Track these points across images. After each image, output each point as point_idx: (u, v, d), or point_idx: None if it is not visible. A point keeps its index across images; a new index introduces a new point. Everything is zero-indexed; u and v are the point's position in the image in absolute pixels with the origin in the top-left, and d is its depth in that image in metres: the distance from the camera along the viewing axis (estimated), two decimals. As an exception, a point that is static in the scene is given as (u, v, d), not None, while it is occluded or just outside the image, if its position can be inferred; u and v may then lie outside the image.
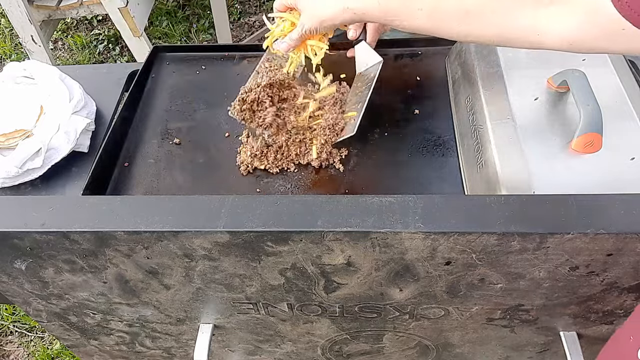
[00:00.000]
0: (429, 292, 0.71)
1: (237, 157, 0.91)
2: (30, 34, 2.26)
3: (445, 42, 1.07)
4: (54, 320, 0.86)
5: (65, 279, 0.73)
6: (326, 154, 0.89)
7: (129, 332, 0.89)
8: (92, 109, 1.01)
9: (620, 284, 0.67)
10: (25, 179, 0.89)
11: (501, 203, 0.61)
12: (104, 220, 0.63)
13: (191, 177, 0.89)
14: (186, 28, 2.82)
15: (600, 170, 0.71)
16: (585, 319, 0.76)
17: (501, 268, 0.65)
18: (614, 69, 0.83)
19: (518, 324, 0.78)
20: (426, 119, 0.95)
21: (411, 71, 1.04)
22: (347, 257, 0.64)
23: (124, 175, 0.91)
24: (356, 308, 0.77)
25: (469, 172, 0.83)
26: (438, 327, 0.81)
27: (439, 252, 0.62)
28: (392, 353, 0.93)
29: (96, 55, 2.81)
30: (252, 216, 0.62)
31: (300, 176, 0.88)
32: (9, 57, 2.86)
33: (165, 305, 0.79)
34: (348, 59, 1.00)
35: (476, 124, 0.83)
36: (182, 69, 1.09)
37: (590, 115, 0.71)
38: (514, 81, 0.84)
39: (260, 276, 0.70)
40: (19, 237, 0.65)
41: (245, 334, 0.88)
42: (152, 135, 0.97)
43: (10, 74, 1.04)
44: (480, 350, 0.89)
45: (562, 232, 0.58)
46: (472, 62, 0.91)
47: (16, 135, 0.93)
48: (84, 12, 2.32)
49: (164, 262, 0.68)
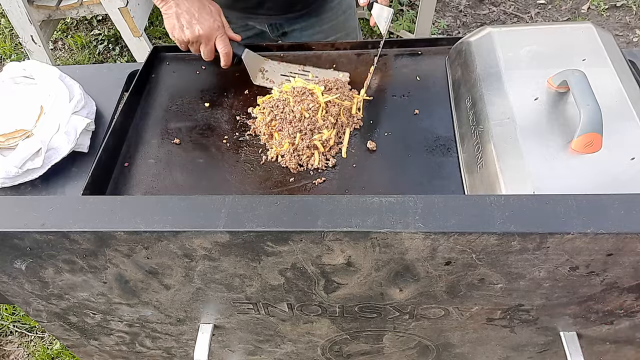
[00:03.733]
0: (429, 292, 0.71)
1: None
2: (30, 34, 2.26)
3: (445, 42, 1.07)
4: (54, 320, 0.86)
5: (65, 279, 0.73)
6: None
7: (129, 332, 0.89)
8: (92, 109, 1.01)
9: (620, 284, 0.67)
10: (25, 179, 0.89)
11: (501, 203, 0.61)
12: (104, 220, 0.63)
13: (191, 177, 0.89)
14: (186, 28, 2.81)
15: (600, 170, 0.71)
16: (585, 319, 0.76)
17: (501, 268, 0.65)
18: (614, 69, 0.83)
19: (518, 324, 0.78)
20: (426, 119, 0.95)
21: (411, 71, 1.04)
22: (347, 257, 0.64)
23: (124, 175, 0.91)
24: (356, 308, 0.77)
25: (469, 172, 0.83)
26: (438, 327, 0.81)
27: (439, 252, 0.62)
28: (392, 353, 0.93)
29: (96, 55, 2.81)
30: (252, 216, 0.62)
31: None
32: (9, 57, 2.86)
33: (165, 305, 0.79)
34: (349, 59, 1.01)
35: (476, 124, 0.83)
36: (182, 69, 1.09)
37: (590, 115, 0.71)
38: (514, 81, 0.84)
39: (260, 276, 0.70)
40: (19, 237, 0.65)
41: (245, 334, 0.88)
42: (152, 135, 0.97)
43: (10, 74, 1.04)
44: (480, 350, 0.89)
45: (562, 232, 0.58)
46: (472, 62, 0.91)
47: (16, 135, 0.93)
48: (84, 12, 2.32)
49: (164, 262, 0.68)
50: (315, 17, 1.28)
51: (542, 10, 2.81)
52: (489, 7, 2.85)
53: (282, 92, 0.96)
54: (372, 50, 1.09)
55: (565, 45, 0.89)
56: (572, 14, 2.78)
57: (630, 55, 0.96)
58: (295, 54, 1.11)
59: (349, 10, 1.32)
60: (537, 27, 0.96)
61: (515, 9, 2.83)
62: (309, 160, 0.90)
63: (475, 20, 2.79)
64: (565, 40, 0.90)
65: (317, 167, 0.89)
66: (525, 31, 0.94)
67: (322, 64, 1.09)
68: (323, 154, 0.90)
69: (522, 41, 0.90)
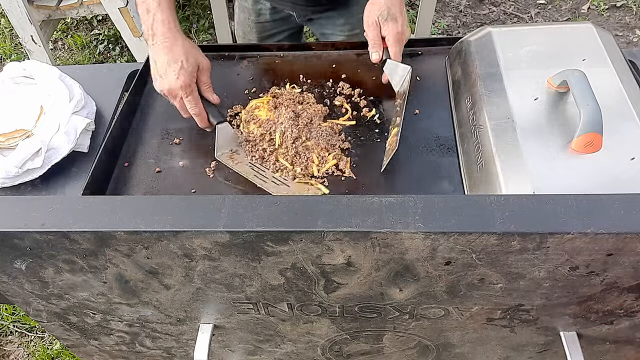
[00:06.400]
0: (429, 292, 0.71)
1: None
2: (30, 34, 2.26)
3: (445, 42, 1.07)
4: (54, 320, 0.86)
5: (65, 279, 0.73)
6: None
7: (129, 332, 0.89)
8: (92, 109, 1.01)
9: (620, 284, 0.67)
10: (25, 179, 0.89)
11: (501, 203, 0.61)
12: (104, 220, 0.63)
13: (191, 177, 0.89)
14: (186, 28, 2.82)
15: (600, 170, 0.71)
16: (585, 319, 0.76)
17: (501, 268, 0.65)
18: (614, 69, 0.83)
19: (518, 324, 0.78)
20: (426, 119, 0.95)
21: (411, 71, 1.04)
22: (347, 257, 0.64)
23: (124, 175, 0.91)
24: (356, 308, 0.77)
25: (469, 172, 0.83)
26: (438, 327, 0.81)
27: (439, 252, 0.62)
28: (392, 353, 0.93)
29: (96, 55, 2.81)
30: (252, 216, 0.62)
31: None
32: (9, 57, 2.86)
33: (165, 305, 0.79)
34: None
35: (476, 124, 0.83)
36: (182, 69, 1.08)
37: (590, 115, 0.71)
38: (514, 81, 0.84)
39: (260, 276, 0.70)
40: (19, 237, 0.65)
41: (245, 334, 0.88)
42: (152, 135, 0.97)
43: (10, 74, 1.04)
44: (480, 350, 0.89)
45: (562, 232, 0.58)
46: (472, 62, 0.91)
47: (16, 135, 0.93)
48: (84, 12, 2.32)
49: (164, 262, 0.68)
50: (342, 9, 1.27)
51: (542, 10, 2.81)
52: (489, 7, 2.85)
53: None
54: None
55: (565, 45, 0.89)
56: (572, 14, 2.78)
57: (630, 55, 0.96)
58: (295, 54, 1.11)
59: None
60: (537, 27, 0.96)
61: (515, 9, 2.83)
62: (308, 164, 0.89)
63: (475, 20, 2.79)
64: (565, 40, 0.90)
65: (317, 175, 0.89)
66: (525, 31, 0.94)
67: (317, 64, 1.08)
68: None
69: (522, 41, 0.90)
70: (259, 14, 1.34)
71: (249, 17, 1.36)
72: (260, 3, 1.32)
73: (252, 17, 1.35)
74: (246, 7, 1.34)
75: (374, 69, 1.05)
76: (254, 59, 1.11)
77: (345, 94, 1.01)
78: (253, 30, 1.37)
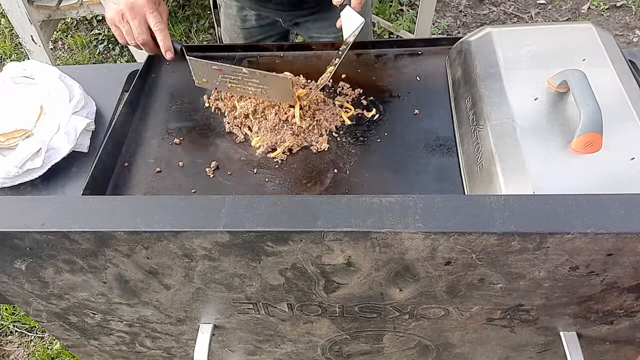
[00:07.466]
0: (429, 292, 0.71)
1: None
2: (30, 34, 2.26)
3: (445, 42, 1.07)
4: (54, 320, 0.86)
5: (65, 279, 0.73)
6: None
7: (129, 332, 0.89)
8: (92, 109, 1.01)
9: (620, 284, 0.67)
10: (25, 179, 0.89)
11: (501, 203, 0.61)
12: (104, 220, 0.63)
13: (191, 177, 0.89)
14: (186, 28, 2.82)
15: (600, 170, 0.71)
16: (585, 319, 0.76)
17: (501, 268, 0.65)
18: (614, 69, 0.83)
19: (518, 324, 0.78)
20: (426, 119, 0.95)
21: (411, 71, 1.04)
22: (347, 257, 0.64)
23: (124, 175, 0.91)
24: (356, 308, 0.77)
25: (469, 172, 0.83)
26: (438, 327, 0.81)
27: (439, 252, 0.62)
28: (392, 353, 0.93)
29: (96, 55, 2.82)
30: (252, 216, 0.62)
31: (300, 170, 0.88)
32: (9, 57, 2.86)
33: (165, 305, 0.79)
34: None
35: (476, 124, 0.83)
36: (182, 69, 1.08)
37: (590, 115, 0.71)
38: (514, 81, 0.84)
39: (260, 276, 0.70)
40: (19, 237, 0.65)
41: (245, 334, 0.88)
42: (152, 135, 0.97)
43: (10, 74, 1.04)
44: (480, 350, 0.89)
45: (562, 232, 0.58)
46: (472, 62, 0.91)
47: (16, 135, 0.93)
48: (84, 12, 2.32)
49: (164, 262, 0.68)
50: (326, 12, 1.27)
51: (542, 10, 2.81)
52: (489, 7, 2.85)
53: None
54: (372, 50, 1.09)
55: (565, 45, 0.89)
56: (572, 14, 2.78)
57: (630, 55, 0.96)
58: (295, 54, 1.11)
59: (363, 7, 1.32)
60: (537, 27, 0.96)
61: (515, 9, 2.83)
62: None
63: (475, 20, 2.79)
64: (565, 40, 0.90)
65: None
66: (525, 31, 0.94)
67: (317, 64, 1.08)
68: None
69: (522, 41, 0.90)
70: (245, 20, 1.33)
71: (235, 24, 1.35)
72: (245, 10, 1.31)
73: (237, 23, 1.35)
74: (232, 14, 1.34)
75: (374, 69, 1.05)
76: (254, 59, 1.11)
77: (345, 94, 1.02)
78: (240, 36, 1.38)
